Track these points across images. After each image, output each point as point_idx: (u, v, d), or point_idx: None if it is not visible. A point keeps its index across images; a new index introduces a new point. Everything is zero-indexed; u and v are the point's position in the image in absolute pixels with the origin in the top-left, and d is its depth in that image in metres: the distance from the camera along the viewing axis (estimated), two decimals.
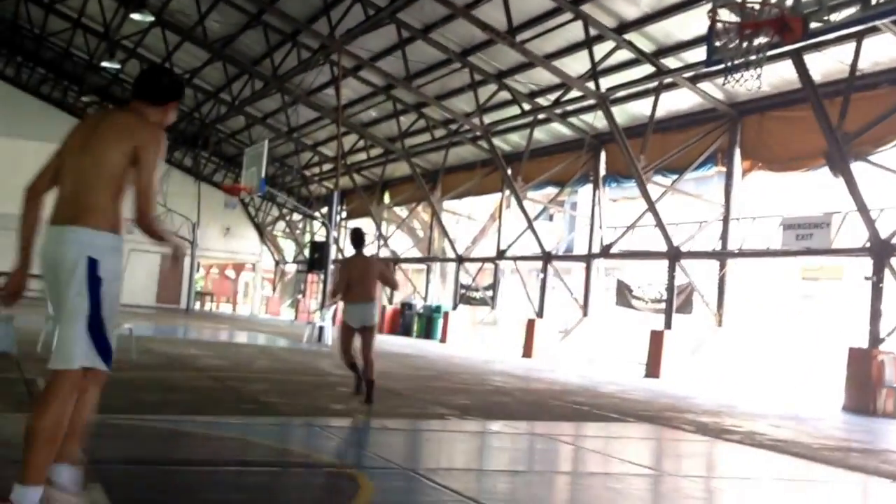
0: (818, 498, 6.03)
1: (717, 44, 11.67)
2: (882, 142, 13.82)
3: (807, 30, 10.92)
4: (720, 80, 13.87)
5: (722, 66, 11.76)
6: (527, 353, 20.81)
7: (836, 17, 11.08)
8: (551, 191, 23.06)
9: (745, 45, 11.15)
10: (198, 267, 36.61)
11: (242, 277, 42.71)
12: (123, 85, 33.77)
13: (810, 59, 13.42)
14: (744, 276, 18.05)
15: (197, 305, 38.53)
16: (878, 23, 11.65)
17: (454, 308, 26.06)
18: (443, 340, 24.79)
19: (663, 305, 18.29)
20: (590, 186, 21.55)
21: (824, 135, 13.48)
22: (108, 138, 3.59)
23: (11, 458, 3.78)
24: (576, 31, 16.58)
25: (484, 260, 25.35)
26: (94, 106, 37.06)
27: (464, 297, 26.29)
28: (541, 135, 22.15)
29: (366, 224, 33.03)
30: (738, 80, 11.44)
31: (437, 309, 26.29)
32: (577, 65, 17.53)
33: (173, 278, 38.46)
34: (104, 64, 29.77)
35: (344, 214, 33.90)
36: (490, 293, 25.02)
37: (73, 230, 3.48)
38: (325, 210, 27.23)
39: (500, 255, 24.12)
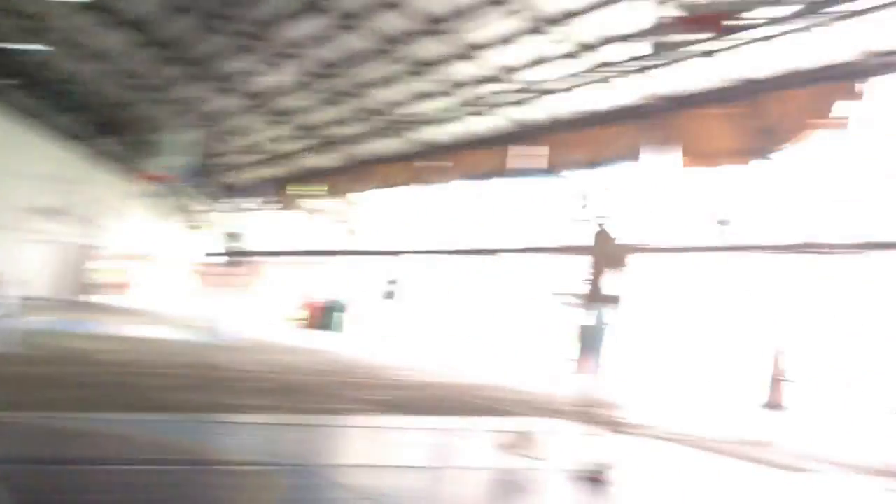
0: None
1: None
2: None
3: None
4: None
5: None
6: None
7: None
8: None
9: None
10: (101, 257, 35.56)
11: (151, 269, 41.52)
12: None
13: None
14: None
15: (98, 298, 37.40)
16: None
17: None
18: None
19: None
20: None
21: None
22: None
23: None
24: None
25: None
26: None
27: None
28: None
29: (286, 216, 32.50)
30: None
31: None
32: None
33: (74, 269, 37.31)
34: None
35: (267, 205, 33.34)
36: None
37: None
38: (243, 200, 26.96)
39: None
